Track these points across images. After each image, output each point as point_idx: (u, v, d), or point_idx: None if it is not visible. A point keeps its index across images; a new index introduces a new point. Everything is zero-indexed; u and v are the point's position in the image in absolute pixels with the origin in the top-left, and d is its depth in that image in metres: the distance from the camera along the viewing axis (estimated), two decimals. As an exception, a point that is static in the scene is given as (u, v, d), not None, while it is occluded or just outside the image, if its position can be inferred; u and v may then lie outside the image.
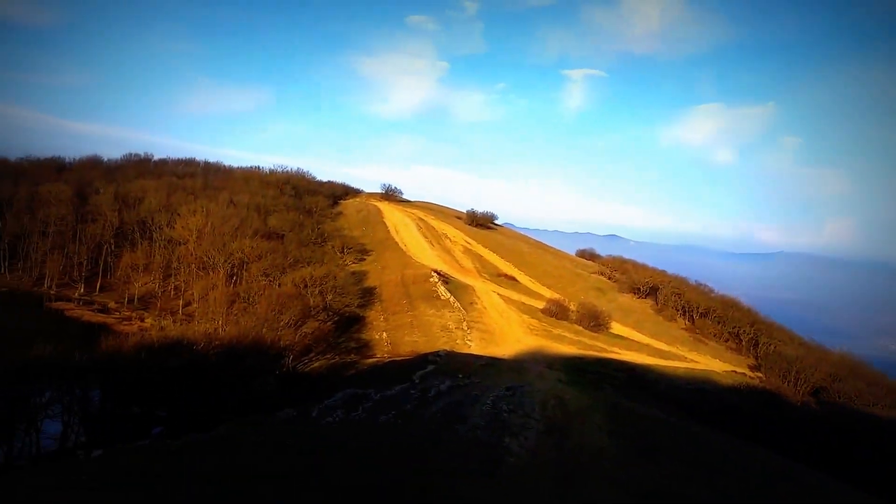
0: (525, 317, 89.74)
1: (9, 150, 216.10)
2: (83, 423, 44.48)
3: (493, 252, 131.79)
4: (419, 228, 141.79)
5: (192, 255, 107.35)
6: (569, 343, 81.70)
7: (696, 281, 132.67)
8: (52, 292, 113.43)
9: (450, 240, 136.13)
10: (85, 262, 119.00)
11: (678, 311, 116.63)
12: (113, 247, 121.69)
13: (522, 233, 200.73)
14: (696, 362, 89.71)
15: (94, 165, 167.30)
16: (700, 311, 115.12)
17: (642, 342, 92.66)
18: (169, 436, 42.16)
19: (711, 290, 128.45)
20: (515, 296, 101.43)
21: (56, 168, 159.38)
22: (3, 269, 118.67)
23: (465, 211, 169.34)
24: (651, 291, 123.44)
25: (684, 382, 77.88)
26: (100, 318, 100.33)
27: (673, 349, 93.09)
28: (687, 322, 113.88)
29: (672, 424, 50.68)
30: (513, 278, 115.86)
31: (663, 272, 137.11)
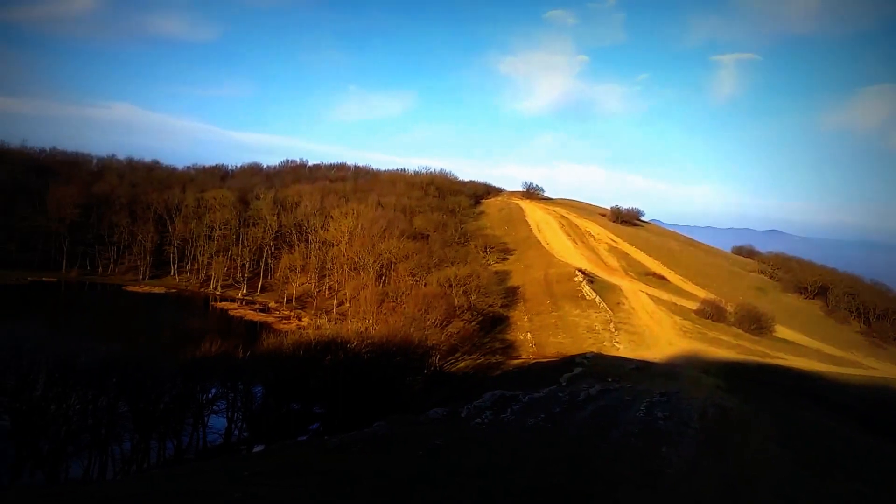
0: (677, 318, 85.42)
1: (177, 160, 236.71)
2: (246, 419, 46.39)
3: (640, 250, 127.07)
4: (562, 226, 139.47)
5: (344, 255, 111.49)
6: (727, 347, 76.74)
7: (871, 280, 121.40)
8: (217, 293, 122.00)
9: (594, 238, 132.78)
10: (247, 264, 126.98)
11: (852, 312, 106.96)
12: (273, 249, 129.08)
13: (671, 229, 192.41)
14: (874, 369, 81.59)
15: (254, 172, 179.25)
16: (877, 312, 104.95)
17: (811, 347, 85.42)
18: (325, 432, 43.25)
19: (890, 290, 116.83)
20: (665, 296, 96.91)
21: (220, 176, 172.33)
22: (172, 272, 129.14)
23: (609, 207, 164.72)
24: (820, 291, 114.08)
25: (860, 391, 70.89)
26: (261, 317, 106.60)
27: (847, 355, 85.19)
28: (862, 325, 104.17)
29: (846, 437, 46.06)
30: (662, 277, 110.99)
31: (833, 270, 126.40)
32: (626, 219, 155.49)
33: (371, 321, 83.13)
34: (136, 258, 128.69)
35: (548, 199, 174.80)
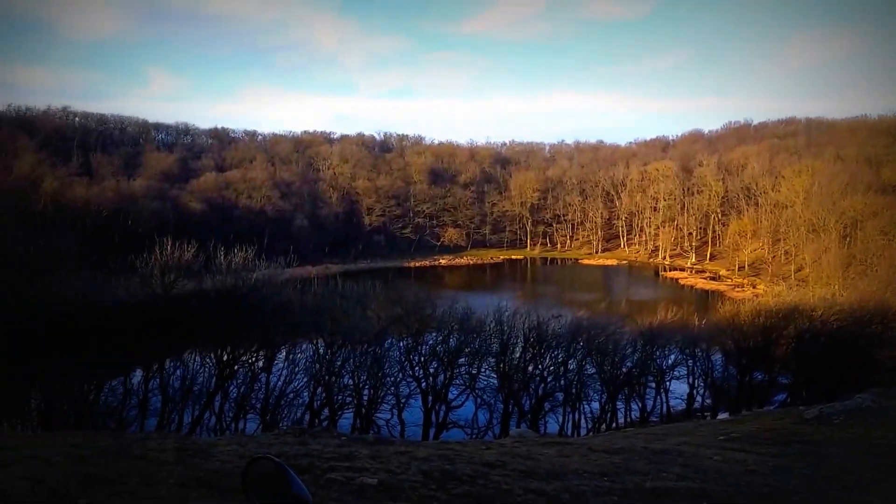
0: None
1: (619, 137, 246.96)
2: (707, 386, 46.67)
3: None
4: None
5: (800, 217, 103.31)
6: None
7: None
8: (665, 262, 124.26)
9: None
10: (694, 233, 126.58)
11: None
12: (719, 216, 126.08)
13: None
14: None
15: (695, 139, 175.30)
16: None
17: None
18: (793, 403, 41.16)
19: None
20: None
21: (661, 147, 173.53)
22: (622, 244, 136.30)
23: None
24: None
25: None
26: (712, 285, 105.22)
27: None
28: None
29: None
30: None
31: None
32: None
33: (836, 287, 76.29)
34: (588, 233, 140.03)
35: None
